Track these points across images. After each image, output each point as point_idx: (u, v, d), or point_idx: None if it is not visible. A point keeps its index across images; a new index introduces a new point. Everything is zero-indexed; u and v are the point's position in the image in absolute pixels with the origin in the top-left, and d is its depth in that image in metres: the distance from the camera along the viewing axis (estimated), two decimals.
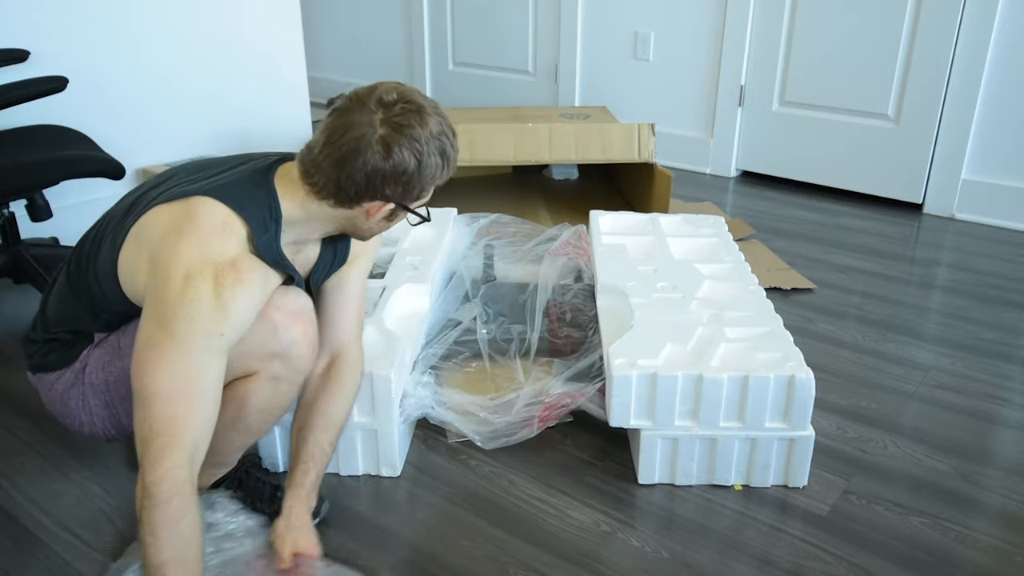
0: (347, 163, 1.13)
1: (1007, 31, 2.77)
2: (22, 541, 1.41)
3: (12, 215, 2.16)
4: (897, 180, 3.12)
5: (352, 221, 1.22)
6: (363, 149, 1.12)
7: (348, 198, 1.16)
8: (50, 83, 2.07)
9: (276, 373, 1.27)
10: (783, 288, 2.41)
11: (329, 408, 1.37)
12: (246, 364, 1.25)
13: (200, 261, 1.10)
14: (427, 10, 4.25)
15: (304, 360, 1.28)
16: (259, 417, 1.32)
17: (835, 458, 1.65)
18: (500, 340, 1.89)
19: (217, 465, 1.42)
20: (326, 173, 1.15)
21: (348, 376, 1.40)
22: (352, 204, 1.17)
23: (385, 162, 1.12)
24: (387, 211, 1.20)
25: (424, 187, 1.19)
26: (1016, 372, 1.98)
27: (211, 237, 1.12)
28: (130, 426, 1.18)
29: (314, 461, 1.35)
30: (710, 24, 3.38)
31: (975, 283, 2.49)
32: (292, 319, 1.24)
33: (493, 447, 1.65)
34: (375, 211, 1.19)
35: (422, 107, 1.15)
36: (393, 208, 1.19)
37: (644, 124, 2.64)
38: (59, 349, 1.33)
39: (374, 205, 1.18)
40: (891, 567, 1.37)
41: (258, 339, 1.22)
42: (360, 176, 1.13)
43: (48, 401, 1.37)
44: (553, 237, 2.20)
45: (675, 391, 1.49)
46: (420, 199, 1.21)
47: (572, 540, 1.43)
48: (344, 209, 1.19)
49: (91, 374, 1.31)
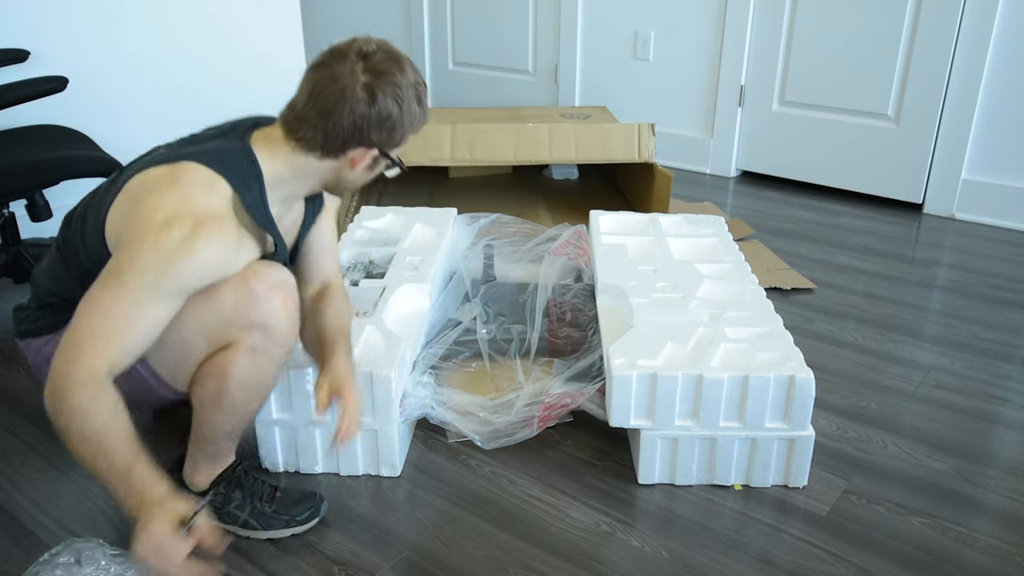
0: (333, 112, 1.20)
1: (1007, 31, 2.77)
2: (22, 541, 1.41)
3: (12, 215, 2.16)
4: (897, 180, 3.12)
5: (336, 173, 1.28)
6: (348, 97, 1.19)
7: (335, 147, 1.23)
8: (50, 83, 2.07)
9: (255, 344, 1.27)
10: (783, 288, 2.41)
11: (331, 308, 1.46)
12: (225, 333, 1.26)
13: (184, 210, 1.15)
14: (427, 10, 4.25)
15: (283, 333, 1.28)
16: (241, 393, 1.30)
17: (835, 458, 1.65)
18: (500, 340, 1.89)
19: (210, 457, 1.41)
20: (312, 125, 1.21)
21: (340, 297, 1.49)
22: (338, 154, 1.24)
23: (370, 108, 1.20)
24: (370, 159, 1.27)
25: (404, 133, 1.26)
26: (1016, 372, 1.98)
27: (196, 192, 1.18)
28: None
29: (341, 334, 1.42)
30: (710, 24, 3.38)
31: (975, 283, 2.49)
32: (272, 290, 1.25)
33: (493, 447, 1.65)
34: (360, 159, 1.26)
35: (399, 56, 1.23)
36: (376, 156, 1.26)
37: (644, 124, 2.64)
38: (49, 315, 1.36)
39: (359, 153, 1.24)
40: (891, 567, 1.37)
41: (236, 307, 1.23)
42: (347, 123, 1.20)
43: (35, 365, 1.39)
44: (553, 237, 2.20)
45: (675, 391, 1.49)
46: (399, 147, 1.29)
47: (572, 540, 1.43)
48: (330, 160, 1.25)
49: None
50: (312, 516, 1.44)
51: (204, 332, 1.26)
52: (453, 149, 2.58)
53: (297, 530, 1.42)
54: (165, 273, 1.14)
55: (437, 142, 2.57)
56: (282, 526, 1.42)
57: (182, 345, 1.28)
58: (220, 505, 1.41)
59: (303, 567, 1.36)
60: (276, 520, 1.41)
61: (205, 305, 1.24)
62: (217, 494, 1.41)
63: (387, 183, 3.15)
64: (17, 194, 2.05)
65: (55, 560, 1.22)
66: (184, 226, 1.14)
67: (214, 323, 1.25)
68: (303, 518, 1.43)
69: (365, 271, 1.92)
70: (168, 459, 1.62)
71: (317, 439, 1.55)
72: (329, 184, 1.32)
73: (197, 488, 1.41)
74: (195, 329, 1.26)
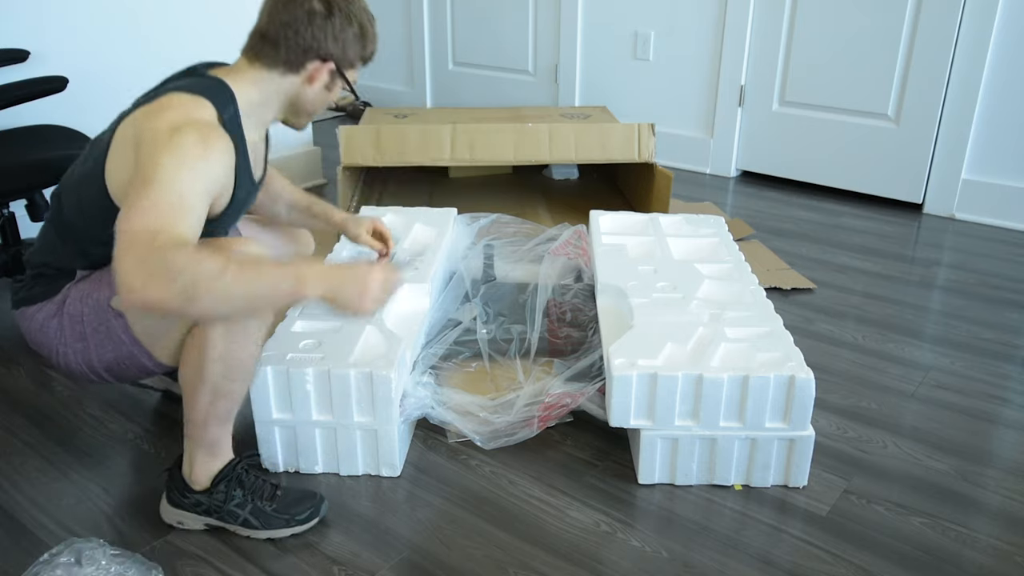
0: (292, 23, 1.33)
1: (1007, 31, 2.77)
2: (22, 541, 1.41)
3: (12, 215, 2.16)
4: (897, 180, 3.12)
5: (297, 92, 1.39)
6: (307, 9, 1.33)
7: (295, 60, 1.35)
8: (50, 83, 2.07)
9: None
10: (783, 288, 2.41)
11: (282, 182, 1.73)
12: None
13: (184, 120, 1.24)
14: (427, 10, 4.25)
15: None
16: (219, 368, 1.31)
17: (835, 458, 1.65)
18: (500, 340, 1.89)
19: (207, 450, 1.40)
20: (273, 41, 1.34)
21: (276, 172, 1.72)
22: (298, 68, 1.36)
23: (327, 20, 1.34)
24: (327, 75, 1.38)
25: (358, 53, 1.41)
26: (1016, 372, 1.98)
27: (190, 109, 1.27)
28: (99, 363, 1.39)
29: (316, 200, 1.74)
30: (710, 24, 3.39)
31: (975, 283, 2.49)
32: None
33: (493, 447, 1.65)
34: (317, 74, 1.37)
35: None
36: (332, 72, 1.38)
37: (644, 124, 2.64)
38: (43, 283, 1.41)
39: (316, 66, 1.36)
40: (891, 567, 1.37)
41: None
42: (305, 33, 1.33)
43: (28, 332, 1.44)
44: (553, 237, 2.20)
45: (675, 391, 1.49)
46: (353, 67, 1.42)
47: (572, 540, 1.43)
48: (292, 76, 1.37)
49: (70, 305, 1.38)
50: (312, 516, 1.44)
51: None
52: (453, 149, 2.58)
53: (297, 530, 1.42)
54: (193, 168, 1.20)
55: (437, 142, 2.57)
56: (282, 525, 1.41)
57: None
58: (221, 503, 1.41)
59: (303, 567, 1.36)
60: (276, 519, 1.41)
61: None
62: (218, 492, 1.41)
63: (387, 183, 3.15)
64: (17, 194, 2.05)
65: (55, 560, 1.22)
66: (192, 129, 1.22)
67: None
68: (303, 518, 1.43)
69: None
70: (168, 458, 1.62)
71: (317, 439, 1.55)
72: (290, 107, 1.42)
73: (198, 486, 1.41)
74: None
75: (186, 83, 1.33)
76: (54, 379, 1.90)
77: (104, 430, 1.72)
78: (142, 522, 1.45)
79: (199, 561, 1.37)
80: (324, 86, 1.40)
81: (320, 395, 1.51)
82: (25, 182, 1.98)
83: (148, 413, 1.79)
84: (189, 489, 1.41)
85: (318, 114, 1.49)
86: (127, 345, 1.38)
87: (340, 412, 1.52)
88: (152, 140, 1.21)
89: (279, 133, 3.28)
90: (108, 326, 1.37)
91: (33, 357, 1.98)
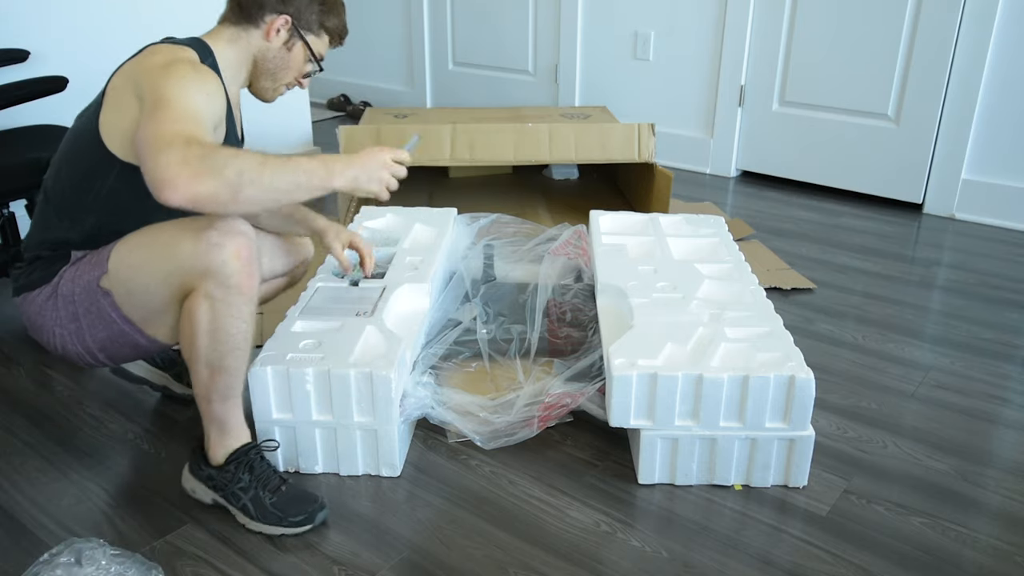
0: None
1: (1007, 31, 2.77)
2: (22, 541, 1.41)
3: (12, 215, 2.16)
4: (897, 180, 3.12)
5: (260, 51, 1.47)
6: None
7: (255, 14, 1.44)
8: (50, 83, 2.07)
9: (211, 292, 1.31)
10: (783, 288, 2.41)
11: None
12: (182, 281, 1.32)
13: (175, 58, 1.33)
14: (427, 10, 4.25)
15: (238, 280, 1.31)
16: (208, 342, 1.34)
17: (835, 458, 1.65)
18: (500, 340, 1.89)
19: (218, 428, 1.43)
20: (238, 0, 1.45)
21: None
22: (258, 21, 1.44)
23: None
24: (285, 33, 1.46)
25: (317, 19, 1.49)
26: (1016, 372, 1.98)
27: (175, 51, 1.36)
28: (93, 344, 1.42)
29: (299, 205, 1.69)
30: (710, 24, 3.39)
31: (975, 283, 2.49)
32: (225, 237, 1.30)
33: (493, 447, 1.65)
34: (273, 27, 1.44)
35: None
36: (290, 28, 1.45)
37: (644, 124, 2.64)
38: (41, 268, 1.44)
39: (273, 19, 1.44)
40: (891, 567, 1.37)
41: (191, 254, 1.30)
42: None
43: (27, 317, 1.46)
44: (553, 237, 2.20)
45: (675, 391, 1.49)
46: (312, 32, 1.49)
47: (572, 540, 1.43)
48: (253, 30, 1.45)
49: (63, 286, 1.41)
50: (306, 522, 1.42)
51: (163, 278, 1.34)
52: (453, 149, 2.58)
53: (288, 531, 1.41)
54: (199, 90, 1.30)
55: (437, 142, 2.57)
56: (274, 522, 1.41)
57: (145, 290, 1.36)
58: (227, 482, 1.43)
59: (303, 567, 1.36)
60: (271, 515, 1.41)
61: (163, 251, 1.32)
62: (227, 471, 1.44)
63: None
64: (17, 194, 2.05)
65: (55, 560, 1.22)
66: (184, 63, 1.32)
67: (172, 270, 1.32)
68: (296, 521, 1.41)
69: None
70: (168, 458, 1.62)
71: (317, 439, 1.55)
72: (255, 68, 1.49)
73: (215, 462, 1.45)
74: (155, 275, 1.34)
75: (165, 40, 1.43)
76: (54, 379, 1.90)
77: (104, 430, 1.72)
78: (142, 522, 1.45)
79: (199, 561, 1.37)
80: (284, 44, 1.47)
81: (320, 395, 1.51)
82: (25, 182, 1.98)
83: (148, 413, 1.79)
84: (206, 461, 1.46)
85: (283, 83, 1.52)
86: (118, 323, 1.41)
87: (340, 412, 1.52)
88: (151, 74, 1.29)
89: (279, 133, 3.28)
90: (98, 306, 1.40)
91: (33, 357, 1.98)
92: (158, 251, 1.34)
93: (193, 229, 1.31)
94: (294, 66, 1.51)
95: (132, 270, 1.36)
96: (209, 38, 1.46)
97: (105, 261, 1.38)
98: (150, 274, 1.35)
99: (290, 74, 1.52)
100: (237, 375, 1.40)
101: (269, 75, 1.50)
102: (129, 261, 1.37)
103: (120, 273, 1.37)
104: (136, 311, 1.40)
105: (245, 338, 1.37)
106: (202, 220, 1.31)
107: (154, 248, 1.35)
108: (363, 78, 4.66)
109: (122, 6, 2.59)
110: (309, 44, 1.49)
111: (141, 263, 1.36)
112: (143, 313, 1.40)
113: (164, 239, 1.34)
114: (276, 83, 1.52)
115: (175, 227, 1.34)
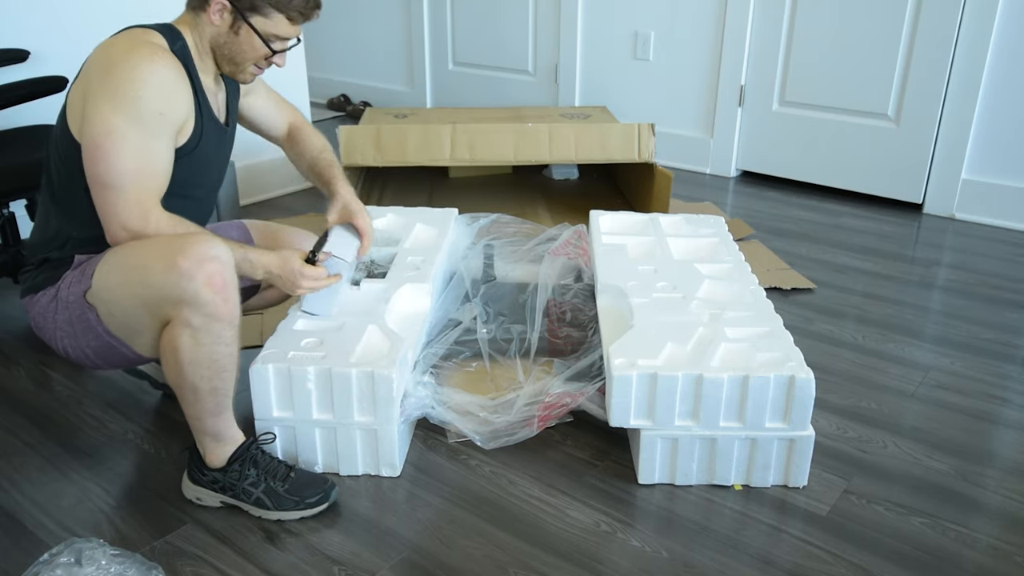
0: None
1: (1007, 31, 2.77)
2: (22, 541, 1.41)
3: (12, 215, 2.16)
4: (897, 180, 3.12)
5: (214, 36, 1.45)
6: None
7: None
8: (50, 83, 2.07)
9: (189, 321, 1.30)
10: (783, 288, 2.41)
11: (311, 141, 1.75)
12: (161, 309, 1.32)
13: (134, 42, 1.36)
14: (427, 10, 4.25)
15: (215, 309, 1.30)
16: (194, 370, 1.34)
17: (835, 458, 1.65)
18: (500, 340, 1.89)
19: (213, 438, 1.44)
20: None
21: (312, 133, 1.78)
22: (204, 4, 1.42)
23: None
24: (228, 16, 1.42)
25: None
26: (1016, 372, 1.98)
27: (139, 35, 1.39)
28: (87, 349, 1.43)
29: (334, 165, 1.73)
30: (710, 24, 3.39)
31: (975, 283, 2.49)
32: (197, 266, 1.28)
33: (493, 447, 1.65)
34: (213, 12, 1.42)
35: None
36: (232, 12, 1.41)
37: (644, 124, 2.64)
38: (47, 270, 1.46)
39: (213, 3, 1.41)
40: (891, 567, 1.37)
41: (164, 284, 1.29)
42: None
43: (33, 319, 1.49)
44: (553, 237, 2.20)
45: (675, 391, 1.49)
46: (258, 12, 1.42)
47: (572, 540, 1.43)
48: (202, 13, 1.43)
49: (62, 291, 1.43)
50: (322, 500, 1.45)
51: (143, 304, 1.33)
52: (453, 149, 2.58)
53: (306, 513, 1.44)
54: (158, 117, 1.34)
55: (437, 142, 2.57)
56: (292, 507, 1.43)
57: (125, 312, 1.36)
58: (235, 481, 1.44)
59: (303, 567, 1.36)
60: (287, 501, 1.43)
61: (137, 276, 1.31)
62: (233, 471, 1.44)
63: (387, 183, 3.15)
64: (17, 194, 2.05)
65: (55, 560, 1.22)
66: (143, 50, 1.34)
67: (149, 298, 1.32)
68: (313, 501, 1.45)
69: (367, 270, 1.92)
70: (168, 458, 1.62)
71: (317, 438, 1.55)
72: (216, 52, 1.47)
73: (214, 467, 1.45)
74: (132, 299, 1.34)
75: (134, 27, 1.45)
76: (54, 379, 1.90)
77: (104, 430, 1.72)
78: (142, 522, 1.45)
79: (199, 561, 1.37)
80: (230, 28, 1.43)
81: (321, 394, 1.51)
82: (25, 182, 1.98)
83: (148, 413, 1.79)
84: (207, 467, 1.45)
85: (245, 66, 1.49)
86: (104, 336, 1.41)
87: (341, 411, 1.52)
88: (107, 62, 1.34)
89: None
90: (86, 318, 1.40)
91: (33, 357, 1.98)
92: (133, 275, 1.33)
93: (164, 256, 1.29)
94: (247, 49, 1.45)
95: (110, 292, 1.36)
96: (178, 24, 1.46)
97: (90, 276, 1.38)
98: (127, 297, 1.35)
99: (246, 56, 1.46)
100: (227, 392, 1.40)
101: (227, 59, 1.47)
102: (107, 282, 1.36)
103: (101, 293, 1.37)
104: (120, 328, 1.40)
105: (231, 359, 1.37)
106: (175, 243, 1.30)
107: (129, 272, 1.33)
108: (363, 78, 4.66)
109: (122, 6, 2.59)
110: (254, 26, 1.42)
111: (117, 285, 1.35)
112: (126, 331, 1.40)
113: (137, 262, 1.33)
114: (238, 66, 1.48)
115: (148, 250, 1.32)
